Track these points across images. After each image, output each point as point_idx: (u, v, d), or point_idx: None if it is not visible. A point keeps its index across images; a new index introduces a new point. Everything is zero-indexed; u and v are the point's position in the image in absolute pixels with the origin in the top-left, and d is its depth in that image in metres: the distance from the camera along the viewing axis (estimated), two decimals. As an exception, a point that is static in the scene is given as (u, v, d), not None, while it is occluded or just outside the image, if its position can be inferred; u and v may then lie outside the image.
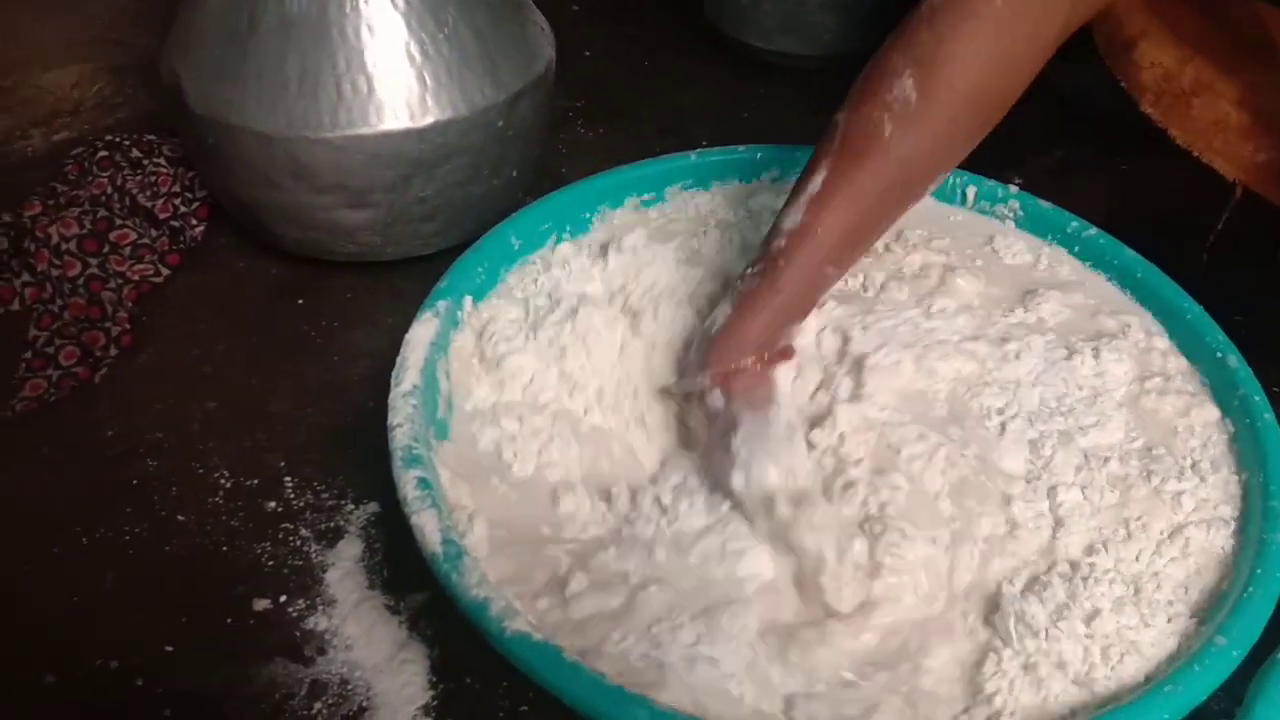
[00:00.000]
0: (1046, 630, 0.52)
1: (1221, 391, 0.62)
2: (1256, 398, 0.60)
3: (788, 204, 0.61)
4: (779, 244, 0.60)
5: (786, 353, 0.62)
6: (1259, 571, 0.51)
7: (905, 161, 0.60)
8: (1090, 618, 0.52)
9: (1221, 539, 0.56)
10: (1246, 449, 0.58)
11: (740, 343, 0.60)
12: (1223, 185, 0.73)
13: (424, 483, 0.53)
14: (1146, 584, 0.54)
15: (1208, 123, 0.69)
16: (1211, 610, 0.52)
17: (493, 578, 0.51)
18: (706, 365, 0.61)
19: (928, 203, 0.71)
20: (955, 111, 0.59)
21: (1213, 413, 0.63)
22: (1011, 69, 0.60)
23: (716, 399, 0.60)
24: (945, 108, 0.59)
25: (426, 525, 0.52)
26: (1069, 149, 0.95)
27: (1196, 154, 0.69)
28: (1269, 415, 0.59)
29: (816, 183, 0.60)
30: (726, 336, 0.61)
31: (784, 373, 0.61)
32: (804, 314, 0.63)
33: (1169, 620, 0.53)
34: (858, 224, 0.61)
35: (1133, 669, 0.51)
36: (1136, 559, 0.55)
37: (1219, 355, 0.63)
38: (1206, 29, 0.68)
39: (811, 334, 0.66)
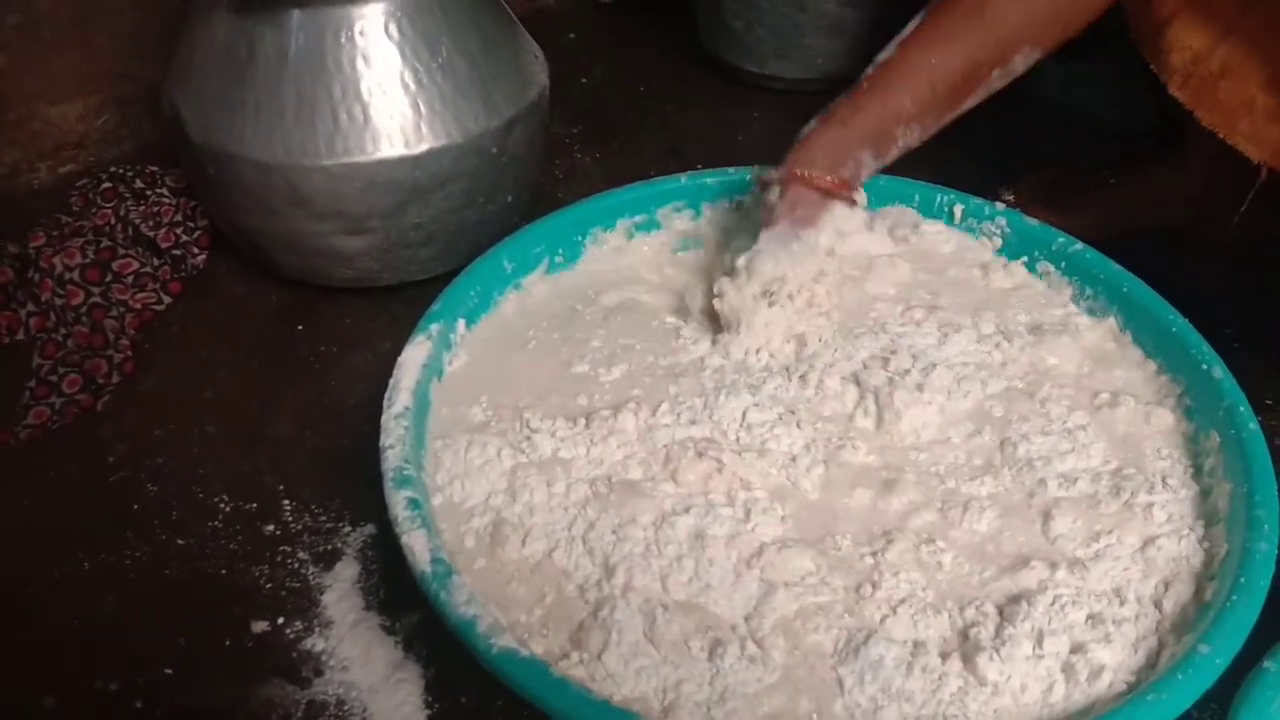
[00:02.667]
0: (998, 650, 0.51)
1: (1206, 403, 0.62)
2: (1241, 408, 0.60)
3: (886, 47, 0.68)
4: (868, 72, 0.68)
5: (849, 184, 0.67)
6: (1242, 580, 0.51)
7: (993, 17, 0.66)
8: (1042, 638, 0.52)
9: (1189, 549, 0.56)
10: (1232, 459, 0.58)
11: (813, 151, 0.67)
12: (1224, 198, 0.73)
13: (414, 503, 0.54)
14: (1111, 600, 0.54)
15: (1235, 105, 0.68)
16: (1194, 619, 0.52)
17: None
18: (783, 164, 0.67)
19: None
20: None
21: (1185, 425, 0.64)
22: None
23: (774, 195, 0.67)
24: None
25: (416, 545, 0.52)
26: (1065, 165, 0.96)
27: (1222, 136, 0.68)
28: (1253, 425, 0.59)
29: (910, 29, 0.68)
30: (804, 144, 0.68)
31: (839, 210, 0.68)
32: (875, 146, 0.68)
33: (1139, 636, 0.53)
34: (940, 64, 0.66)
35: (1105, 684, 0.51)
36: (1105, 574, 0.55)
37: (1204, 367, 0.63)
38: (1239, 10, 0.68)
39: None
